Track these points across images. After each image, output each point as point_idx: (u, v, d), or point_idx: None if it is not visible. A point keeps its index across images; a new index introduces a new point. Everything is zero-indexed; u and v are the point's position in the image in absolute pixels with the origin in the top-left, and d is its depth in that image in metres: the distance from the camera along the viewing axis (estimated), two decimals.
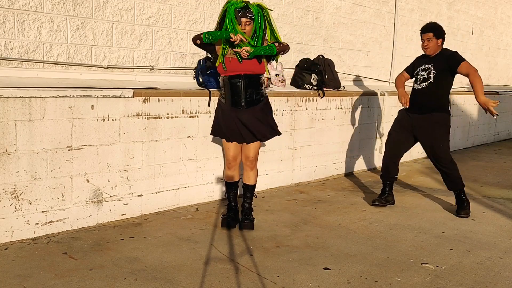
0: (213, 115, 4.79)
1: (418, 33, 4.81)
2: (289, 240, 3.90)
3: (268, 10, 3.85)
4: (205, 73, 4.92)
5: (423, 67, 4.70)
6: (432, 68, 4.62)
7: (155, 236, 3.89)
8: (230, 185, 4.21)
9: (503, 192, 5.71)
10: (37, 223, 3.75)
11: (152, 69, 4.89)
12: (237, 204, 4.26)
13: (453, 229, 4.31)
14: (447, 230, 4.27)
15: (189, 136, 4.66)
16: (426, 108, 4.64)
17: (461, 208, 4.70)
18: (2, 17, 3.91)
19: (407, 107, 4.69)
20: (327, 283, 3.13)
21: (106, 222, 4.14)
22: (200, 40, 3.79)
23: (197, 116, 4.70)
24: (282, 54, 3.92)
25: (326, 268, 3.37)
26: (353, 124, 6.48)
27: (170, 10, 4.99)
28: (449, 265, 3.49)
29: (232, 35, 3.69)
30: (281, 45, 3.83)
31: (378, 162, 7.01)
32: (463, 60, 4.53)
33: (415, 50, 8.49)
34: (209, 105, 4.75)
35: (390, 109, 7.06)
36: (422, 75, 4.67)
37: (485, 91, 4.46)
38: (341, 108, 6.23)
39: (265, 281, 3.13)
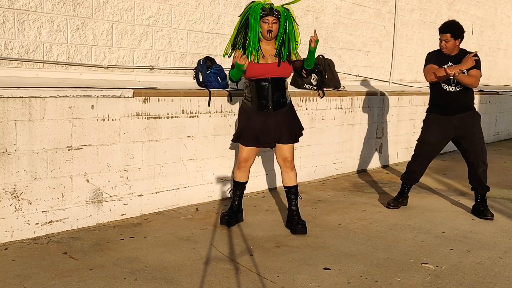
0: (213, 115, 4.81)
1: (418, 33, 4.80)
2: (289, 240, 3.90)
3: (293, 12, 3.85)
4: (205, 73, 4.93)
5: (449, 65, 4.51)
6: None
7: (155, 236, 3.89)
8: (237, 184, 4.23)
9: (503, 192, 5.71)
10: (37, 223, 3.76)
11: (152, 69, 4.90)
12: (240, 204, 4.28)
13: (453, 229, 4.31)
14: (447, 230, 4.27)
15: (189, 136, 4.66)
16: (466, 107, 4.64)
17: (488, 210, 4.69)
18: (2, 17, 3.91)
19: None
20: (327, 283, 3.14)
21: (106, 222, 4.14)
22: (231, 81, 4.00)
23: (197, 116, 4.70)
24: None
25: (326, 268, 3.37)
26: (353, 124, 6.48)
27: (170, 10, 4.99)
28: (449, 265, 3.49)
29: (241, 65, 3.65)
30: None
31: (378, 162, 7.01)
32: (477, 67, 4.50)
33: (415, 50, 8.50)
34: (209, 105, 4.75)
35: (390, 109, 7.07)
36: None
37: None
38: (341, 108, 6.23)
39: (265, 281, 3.13)
